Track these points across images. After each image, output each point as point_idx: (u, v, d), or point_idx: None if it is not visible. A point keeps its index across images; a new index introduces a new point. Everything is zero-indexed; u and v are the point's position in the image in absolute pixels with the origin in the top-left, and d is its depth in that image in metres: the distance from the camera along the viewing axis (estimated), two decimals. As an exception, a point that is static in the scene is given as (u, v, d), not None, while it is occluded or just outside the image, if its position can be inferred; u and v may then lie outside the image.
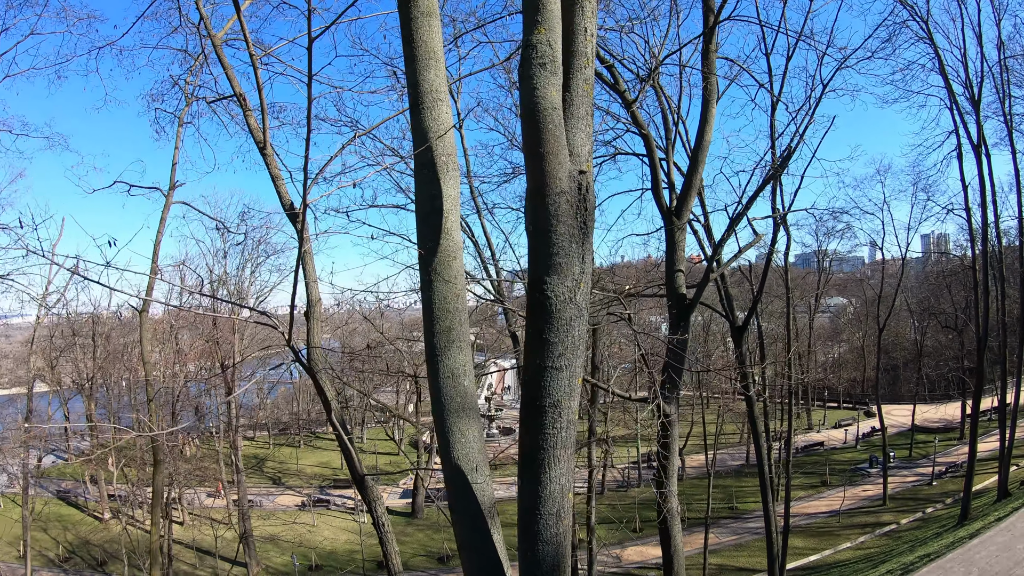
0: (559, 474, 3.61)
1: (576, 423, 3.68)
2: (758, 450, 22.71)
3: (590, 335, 21.91)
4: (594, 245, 3.83)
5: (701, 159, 11.46)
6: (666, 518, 12.06)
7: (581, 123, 3.65)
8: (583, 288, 3.54)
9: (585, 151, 3.63)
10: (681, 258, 11.56)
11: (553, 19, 3.56)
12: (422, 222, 4.31)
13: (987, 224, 25.62)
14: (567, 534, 3.70)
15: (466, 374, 4.29)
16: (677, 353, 11.58)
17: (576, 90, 3.65)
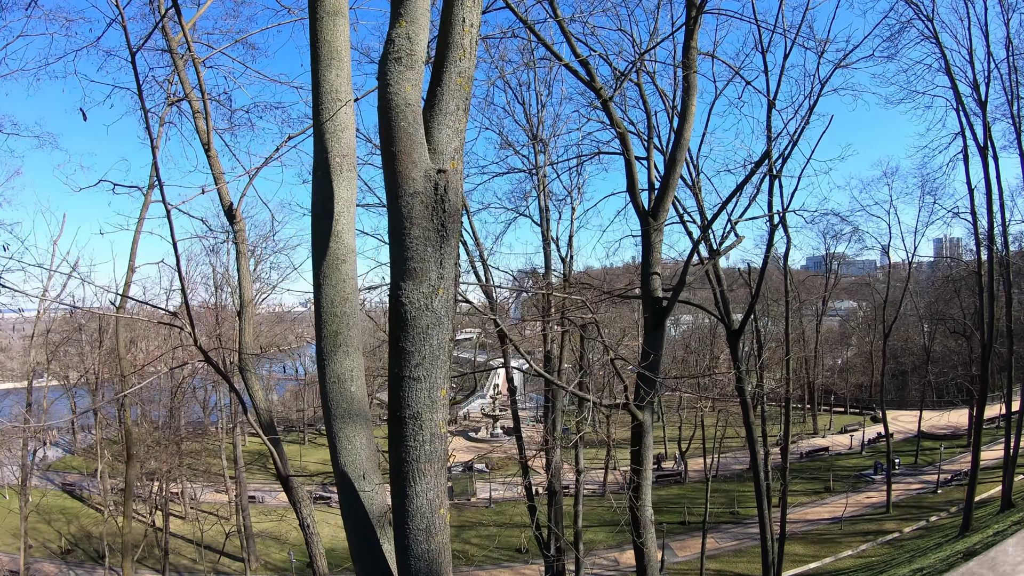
0: (425, 488, 3.44)
1: (444, 437, 3.47)
2: (753, 456, 22.28)
3: (572, 337, 21.51)
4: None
5: (679, 158, 11.04)
6: (640, 527, 11.66)
7: (450, 119, 3.47)
8: (442, 295, 3.37)
9: (451, 148, 3.45)
10: (657, 260, 11.14)
11: (417, 12, 3.42)
12: (315, 224, 4.17)
13: (993, 228, 24.86)
14: (442, 551, 3.54)
15: (353, 379, 4.07)
16: (651, 358, 11.20)
17: (448, 84, 3.46)
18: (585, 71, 11.34)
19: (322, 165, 4.10)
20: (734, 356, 21.39)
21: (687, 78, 11.09)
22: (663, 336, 11.23)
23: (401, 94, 3.30)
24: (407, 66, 3.34)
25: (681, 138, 10.98)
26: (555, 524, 21.13)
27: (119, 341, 17.91)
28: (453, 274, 3.45)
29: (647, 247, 11.21)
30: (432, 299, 3.32)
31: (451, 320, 3.51)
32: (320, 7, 4.07)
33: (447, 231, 3.33)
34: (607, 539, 37.33)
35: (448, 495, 4.07)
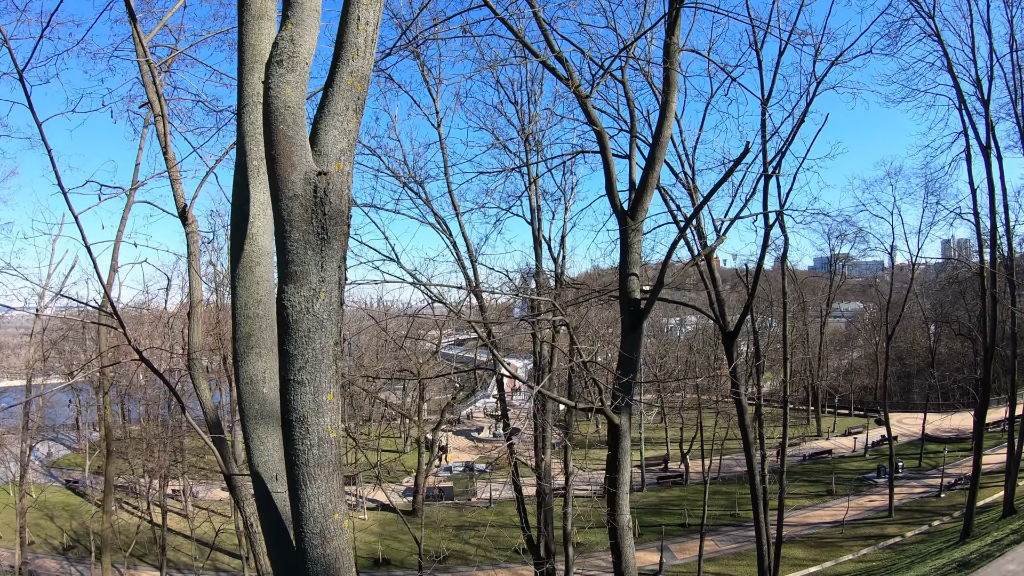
0: (316, 492, 3.41)
1: (333, 442, 3.43)
2: (748, 459, 21.95)
3: (554, 337, 21.24)
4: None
5: (658, 157, 10.79)
6: (616, 534, 11.42)
7: (337, 119, 3.41)
8: (323, 298, 3.35)
9: (337, 149, 3.39)
10: (635, 261, 10.89)
11: (303, 14, 3.44)
12: (234, 227, 4.29)
13: (995, 229, 24.43)
14: (338, 556, 3.51)
15: (265, 381, 4.08)
16: (628, 361, 10.97)
17: (339, 83, 3.42)
18: (563, 68, 11.11)
19: (241, 168, 4.18)
20: (729, 358, 20.99)
21: (667, 74, 10.86)
22: (641, 339, 10.99)
23: (280, 97, 3.28)
24: (288, 68, 3.32)
25: (660, 136, 10.74)
26: (544, 526, 20.85)
27: (100, 339, 17.85)
28: (337, 277, 3.41)
29: (625, 247, 10.98)
30: (313, 302, 3.29)
31: (336, 324, 3.46)
32: (246, 11, 4.13)
33: (328, 234, 3.30)
34: (606, 540, 36.76)
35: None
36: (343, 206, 3.40)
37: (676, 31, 10.93)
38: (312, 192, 3.26)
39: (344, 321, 11.89)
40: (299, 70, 3.36)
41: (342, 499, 3.63)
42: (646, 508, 41.30)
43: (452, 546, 37.57)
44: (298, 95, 3.36)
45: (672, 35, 10.87)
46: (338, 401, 3.58)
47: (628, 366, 10.97)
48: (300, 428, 3.33)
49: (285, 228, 3.24)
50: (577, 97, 11.21)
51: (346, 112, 3.43)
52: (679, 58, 11.30)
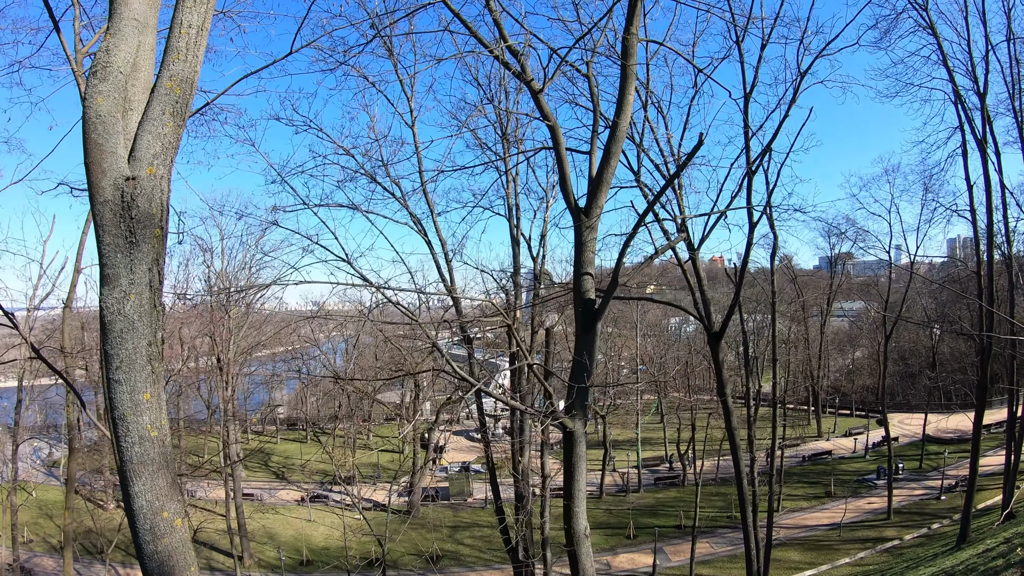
0: (143, 490, 3.55)
1: (155, 440, 3.58)
2: (735, 462, 21.14)
3: (533, 336, 20.61)
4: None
5: (614, 151, 10.15)
6: (573, 542, 10.79)
7: (153, 124, 3.48)
8: (133, 300, 3.43)
9: (150, 154, 3.45)
10: (589, 260, 10.27)
11: (120, 24, 3.46)
12: None
13: (992, 226, 23.46)
14: (172, 554, 3.60)
15: None
16: (582, 364, 10.37)
17: (159, 89, 3.51)
18: (516, 61, 10.54)
19: None
20: (715, 359, 20.32)
21: (624, 66, 10.22)
22: (595, 340, 10.40)
23: (93, 107, 3.39)
24: (101, 79, 3.40)
25: (616, 131, 10.12)
26: (523, 529, 20.25)
27: (64, 337, 17.60)
28: (148, 279, 3.43)
29: (579, 245, 10.37)
30: (124, 304, 3.37)
31: (149, 325, 3.49)
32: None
33: (137, 237, 3.36)
34: (600, 542, 36.29)
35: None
36: (153, 210, 3.43)
37: (635, 21, 10.33)
38: (120, 197, 3.34)
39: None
40: (112, 79, 3.42)
41: (172, 498, 3.66)
42: (642, 509, 40.58)
43: (446, 547, 37.08)
44: (110, 104, 3.43)
45: (631, 25, 10.29)
46: (158, 400, 3.62)
47: (582, 369, 10.39)
48: (122, 426, 3.45)
49: (99, 233, 3.33)
50: (530, 91, 10.65)
51: (162, 116, 3.51)
52: (637, 49, 10.68)
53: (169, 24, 3.56)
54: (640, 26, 11.25)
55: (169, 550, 3.60)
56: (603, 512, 40.85)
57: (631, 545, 35.89)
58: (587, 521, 10.97)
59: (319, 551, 37.05)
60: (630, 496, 42.92)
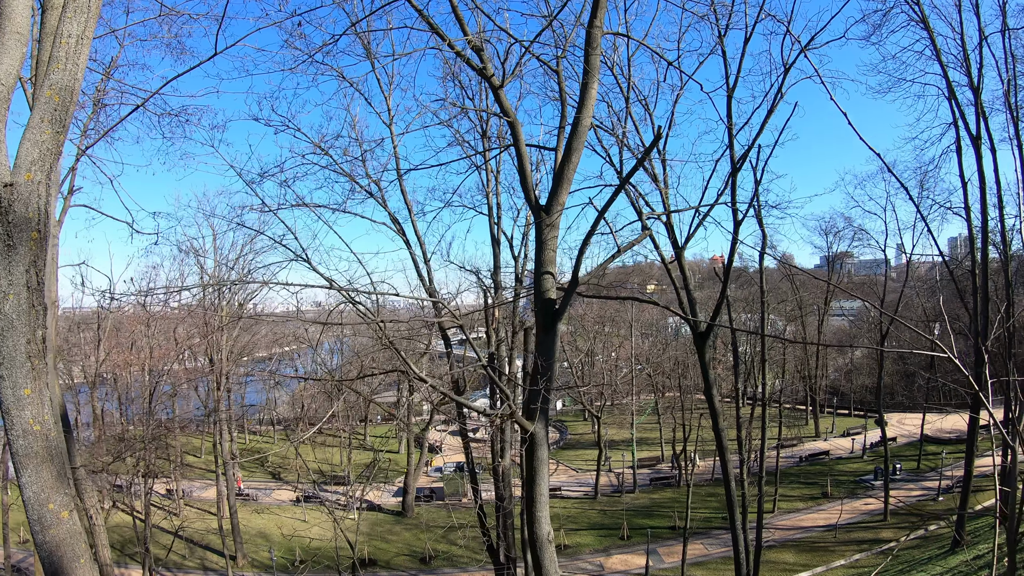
0: (29, 482, 3.70)
1: (37, 434, 3.70)
2: (723, 464, 20.59)
3: (514, 336, 20.13)
4: None
5: (575, 147, 9.70)
6: (536, 547, 10.36)
7: (32, 132, 3.54)
8: (11, 300, 3.56)
9: (28, 160, 3.49)
10: (551, 259, 9.82)
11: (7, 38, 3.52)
12: None
13: (987, 223, 22.84)
14: (60, 545, 3.76)
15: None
16: (544, 364, 9.92)
17: (39, 97, 3.54)
18: (478, 58, 10.16)
19: None
20: (701, 359, 19.77)
21: (587, 59, 9.78)
22: (555, 341, 9.96)
23: None
24: None
25: (578, 126, 9.68)
26: (504, 532, 19.78)
27: None
28: (25, 280, 3.51)
29: (539, 244, 9.93)
30: (3, 304, 3.49)
31: (28, 324, 3.60)
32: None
33: (13, 240, 3.45)
34: (594, 543, 35.82)
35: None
36: (30, 214, 3.52)
37: (599, 14, 9.94)
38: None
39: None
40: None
41: (58, 490, 3.80)
42: (637, 510, 40.04)
43: (440, 547, 36.61)
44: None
45: (595, 18, 9.91)
46: (39, 396, 3.69)
47: (543, 369, 9.95)
48: (7, 420, 3.60)
49: (-22, 237, 3.41)
50: (490, 87, 10.25)
51: (41, 124, 3.59)
52: (601, 42, 10.23)
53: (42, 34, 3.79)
54: (605, 19, 10.81)
55: (56, 541, 3.72)
56: (597, 513, 40.34)
57: (625, 546, 35.34)
58: (550, 527, 10.57)
59: (312, 551, 36.63)
60: (625, 497, 42.37)
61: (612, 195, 8.98)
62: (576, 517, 39.93)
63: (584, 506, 41.60)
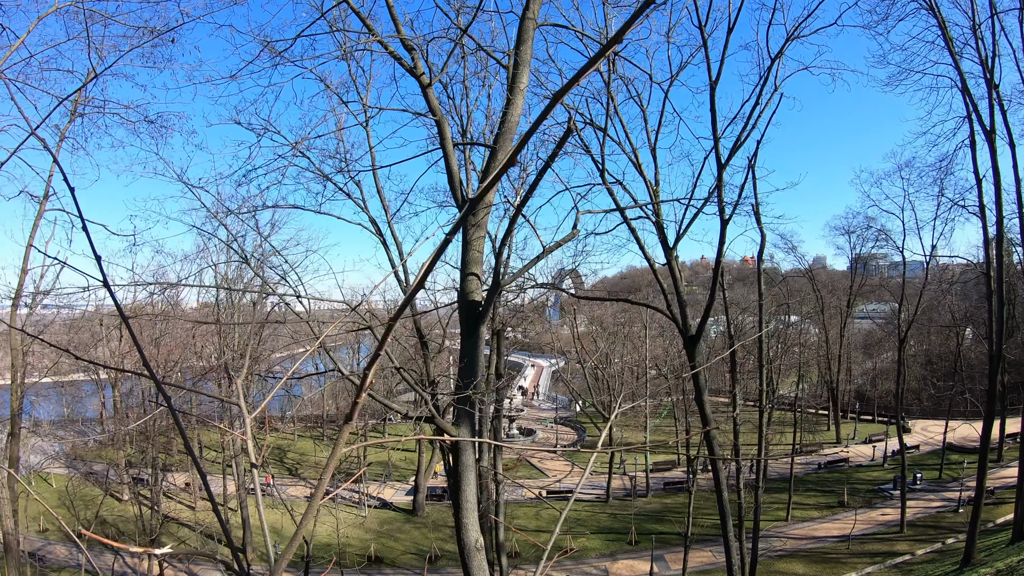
0: None
1: None
2: (715, 473, 19.71)
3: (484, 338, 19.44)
4: None
5: (500, 146, 9.11)
6: (464, 554, 9.89)
7: None
8: None
9: None
10: (476, 260, 9.28)
11: None
12: None
13: (1002, 223, 21.32)
14: None
15: None
16: (468, 367, 9.41)
17: None
18: (411, 56, 9.73)
19: None
20: (692, 364, 18.88)
21: (517, 52, 9.18)
22: (479, 344, 9.48)
23: None
24: None
25: (505, 123, 9.10)
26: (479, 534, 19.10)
27: (12, 337, 17.71)
28: None
29: (465, 244, 9.41)
30: None
31: None
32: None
33: None
34: (601, 547, 34.92)
35: None
36: None
37: (532, 5, 9.39)
38: None
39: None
40: None
41: None
42: (648, 515, 38.98)
43: (447, 547, 36.20)
44: None
45: (528, 10, 9.36)
46: None
47: (468, 372, 9.46)
48: None
49: None
50: (419, 85, 9.79)
51: None
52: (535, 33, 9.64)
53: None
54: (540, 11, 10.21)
55: None
56: (608, 517, 39.40)
57: (632, 552, 34.36)
58: (479, 533, 10.13)
59: (322, 546, 36.66)
60: (637, 501, 41.30)
61: (530, 188, 8.35)
62: (586, 521, 39.08)
63: (595, 509, 40.68)
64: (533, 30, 9.45)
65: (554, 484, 44.87)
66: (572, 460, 49.97)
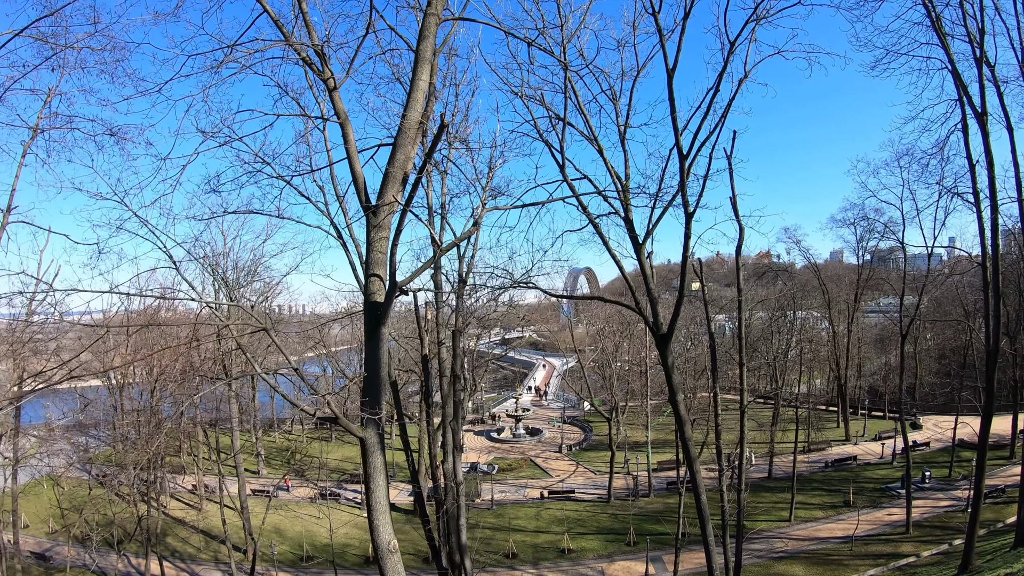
0: None
1: None
2: (692, 475, 18.66)
3: (455, 337, 18.77)
4: None
5: (400, 144, 8.61)
6: (378, 556, 9.57)
7: None
8: None
9: None
10: (379, 261, 8.81)
11: None
12: None
13: (996, 210, 19.93)
14: None
15: None
16: (371, 368, 8.99)
17: None
18: (319, 58, 9.26)
19: None
20: (664, 363, 17.93)
21: (417, 48, 8.66)
22: (380, 345, 9.00)
23: None
24: None
25: (404, 122, 8.61)
26: (447, 536, 18.55)
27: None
28: None
29: (368, 246, 8.90)
30: None
31: None
32: None
33: None
34: (599, 548, 33.98)
35: None
36: None
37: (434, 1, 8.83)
38: None
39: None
40: None
41: None
42: (649, 515, 37.92)
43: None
44: None
45: (430, 5, 8.83)
46: None
47: (370, 373, 9.09)
48: None
49: None
50: (327, 88, 9.38)
51: None
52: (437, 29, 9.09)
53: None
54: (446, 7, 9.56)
55: None
56: (608, 517, 38.39)
57: (630, 552, 33.35)
58: (391, 535, 9.68)
59: (322, 547, 36.35)
60: (639, 501, 40.25)
61: (414, 184, 7.70)
62: (586, 521, 38.15)
63: (596, 510, 39.71)
64: (436, 26, 9.00)
65: (556, 484, 43.96)
66: (577, 460, 48.99)
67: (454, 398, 18.53)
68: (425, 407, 21.30)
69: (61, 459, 39.63)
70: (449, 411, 18.67)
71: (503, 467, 47.56)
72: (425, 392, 20.32)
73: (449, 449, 18.93)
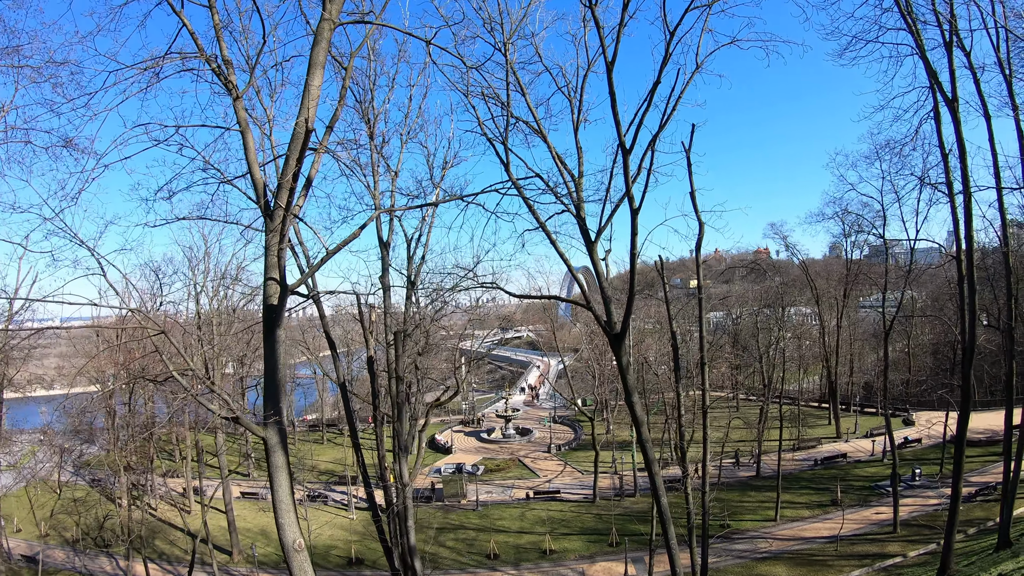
0: None
1: None
2: (651, 476, 17.69)
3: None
4: None
5: (291, 151, 8.01)
6: (286, 555, 9.58)
7: None
8: None
9: None
10: (274, 264, 8.21)
11: None
12: None
13: (969, 199, 18.79)
14: None
15: None
16: (269, 369, 8.60)
17: None
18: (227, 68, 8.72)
19: None
20: (619, 362, 16.97)
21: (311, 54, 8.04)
22: (275, 346, 8.69)
23: None
24: None
25: (296, 127, 8.00)
26: (400, 537, 17.82)
27: None
28: None
29: (267, 249, 8.34)
30: None
31: None
32: None
33: None
34: (581, 548, 33.02)
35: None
36: None
37: (330, 4, 8.12)
38: None
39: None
40: None
41: None
42: (634, 515, 36.87)
43: (427, 548, 34.79)
44: None
45: (325, 10, 8.17)
46: None
47: (268, 374, 8.79)
48: None
49: None
50: (230, 96, 8.88)
51: None
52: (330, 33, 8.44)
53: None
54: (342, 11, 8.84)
55: None
56: (592, 517, 37.40)
57: (612, 553, 32.37)
58: (297, 534, 9.51)
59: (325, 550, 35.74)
60: (624, 500, 39.23)
61: (307, 183, 6.84)
62: (570, 521, 37.20)
63: (581, 510, 38.74)
64: (330, 31, 8.37)
65: (543, 484, 43.02)
66: (565, 460, 47.99)
67: (398, 399, 17.76)
68: (373, 409, 20.56)
69: (47, 464, 39.42)
70: (396, 413, 17.90)
71: (491, 468, 46.66)
72: (373, 393, 19.53)
73: (396, 451, 18.17)
